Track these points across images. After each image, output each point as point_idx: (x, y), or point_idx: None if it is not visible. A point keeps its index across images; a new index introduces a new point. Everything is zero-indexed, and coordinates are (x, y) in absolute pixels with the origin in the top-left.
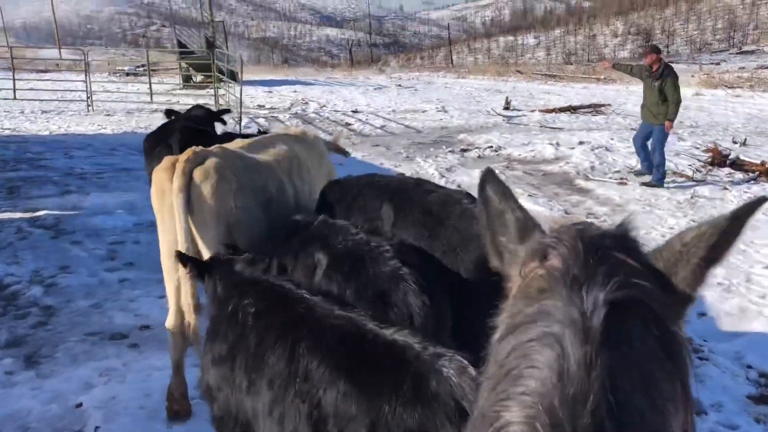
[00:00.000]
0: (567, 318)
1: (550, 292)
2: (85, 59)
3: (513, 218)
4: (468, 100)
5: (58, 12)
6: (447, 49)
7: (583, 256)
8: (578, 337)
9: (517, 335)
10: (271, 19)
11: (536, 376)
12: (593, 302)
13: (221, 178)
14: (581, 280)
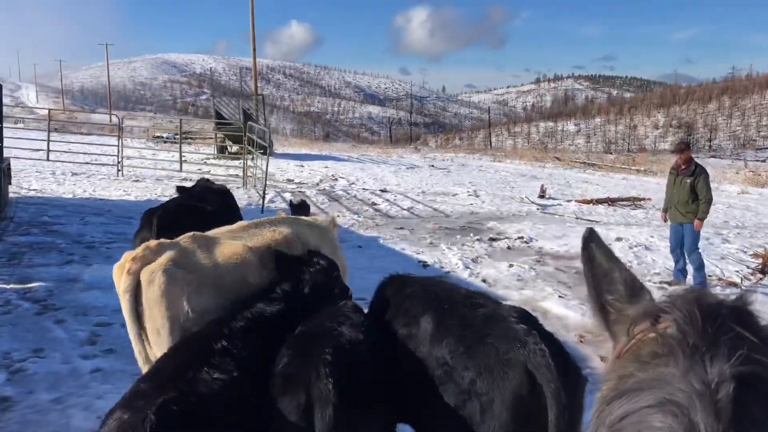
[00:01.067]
0: (691, 388)
1: (666, 358)
2: (120, 123)
3: (621, 277)
4: (502, 185)
5: (115, 78)
6: (486, 132)
7: (701, 325)
8: (708, 410)
9: (632, 400)
10: (316, 94)
11: None
12: (719, 374)
13: (170, 280)
14: (701, 349)
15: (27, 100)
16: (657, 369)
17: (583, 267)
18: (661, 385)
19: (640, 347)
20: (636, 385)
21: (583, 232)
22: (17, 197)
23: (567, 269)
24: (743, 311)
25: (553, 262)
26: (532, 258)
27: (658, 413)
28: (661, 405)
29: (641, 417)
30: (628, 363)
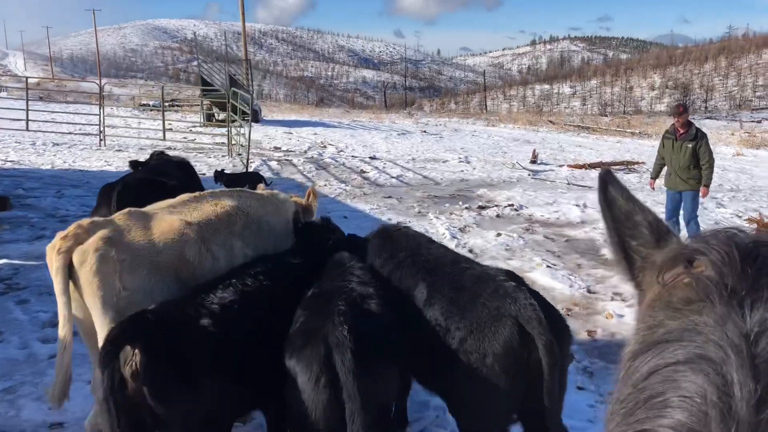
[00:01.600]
0: (726, 340)
1: (701, 304)
2: (101, 92)
3: (645, 220)
4: (494, 150)
5: (105, 45)
6: (482, 95)
7: (740, 265)
8: (744, 367)
9: (660, 354)
10: (310, 59)
11: (687, 408)
12: (759, 323)
13: (102, 258)
14: (741, 293)
15: (15, 68)
16: (689, 317)
17: (602, 212)
18: (693, 337)
19: (672, 293)
20: (665, 337)
21: (600, 172)
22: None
23: (556, 237)
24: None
25: (542, 230)
26: (522, 226)
27: (687, 371)
28: (690, 361)
29: (668, 375)
30: (658, 311)
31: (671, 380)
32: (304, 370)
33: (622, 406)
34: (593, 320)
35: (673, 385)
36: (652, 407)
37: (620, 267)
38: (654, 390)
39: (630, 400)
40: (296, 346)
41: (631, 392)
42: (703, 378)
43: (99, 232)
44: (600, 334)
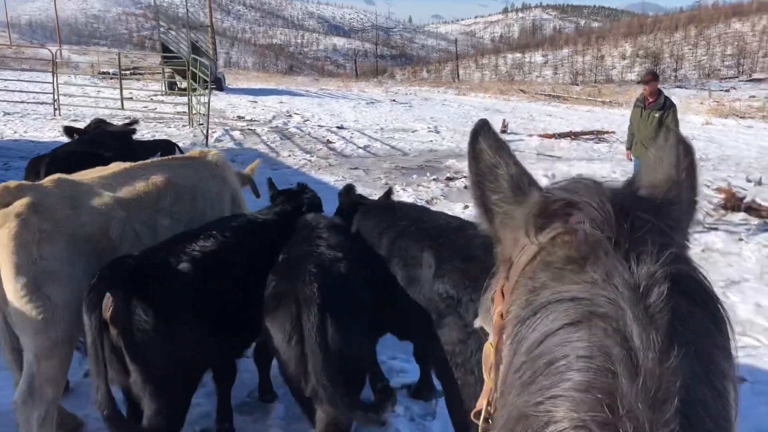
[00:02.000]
0: (617, 294)
1: (584, 261)
2: (53, 58)
3: (507, 174)
4: (464, 119)
5: (66, 11)
6: (454, 64)
7: (616, 219)
8: (641, 319)
9: (551, 316)
10: (279, 26)
11: (592, 368)
12: (647, 276)
13: (22, 224)
14: (624, 246)
15: None
16: (574, 275)
17: (468, 163)
18: (582, 295)
19: (551, 252)
20: (553, 297)
21: (475, 123)
22: None
23: None
24: (647, 199)
25: None
26: None
27: (584, 330)
28: (585, 320)
29: (565, 337)
30: (538, 272)
31: (568, 342)
32: (278, 330)
33: (518, 376)
34: None
35: (571, 347)
36: (555, 372)
37: (481, 221)
38: (552, 354)
39: (527, 369)
40: (270, 309)
41: (527, 360)
42: (602, 335)
43: (25, 198)
44: None
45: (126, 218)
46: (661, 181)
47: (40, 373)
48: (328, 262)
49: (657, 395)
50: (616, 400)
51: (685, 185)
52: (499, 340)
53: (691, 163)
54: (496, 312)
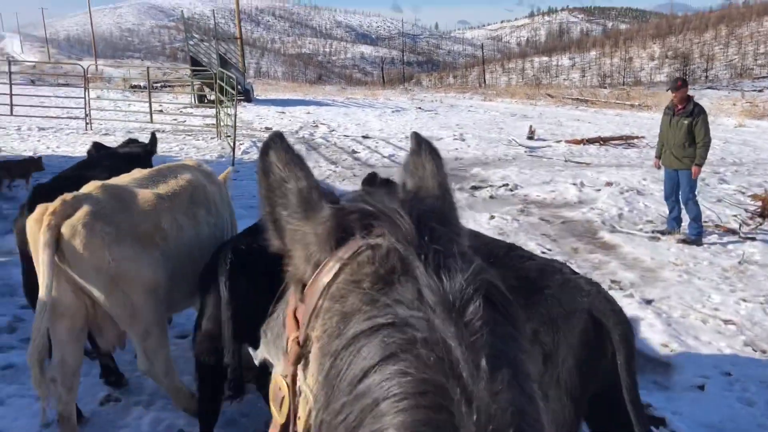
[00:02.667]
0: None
1: (394, 279)
2: (85, 74)
3: (296, 188)
4: (490, 126)
5: (102, 25)
6: (480, 69)
7: (416, 231)
8: (462, 342)
9: (368, 348)
10: (308, 35)
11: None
12: (460, 291)
13: (90, 232)
14: (431, 261)
15: (12, 50)
16: (385, 297)
17: (257, 178)
18: (398, 319)
19: (356, 270)
20: (366, 325)
21: (270, 135)
22: None
23: (552, 219)
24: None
25: (537, 212)
26: (516, 207)
27: (407, 361)
28: (406, 349)
29: (387, 372)
30: (347, 294)
31: (393, 377)
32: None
33: (341, 419)
34: None
35: (398, 382)
36: (384, 413)
37: (272, 237)
38: (378, 393)
39: (350, 411)
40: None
41: (348, 400)
42: (427, 366)
43: (84, 206)
44: None
45: (172, 210)
46: (433, 188)
47: (147, 349)
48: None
49: (493, 427)
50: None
51: (449, 189)
52: (294, 370)
53: (445, 168)
54: (291, 339)
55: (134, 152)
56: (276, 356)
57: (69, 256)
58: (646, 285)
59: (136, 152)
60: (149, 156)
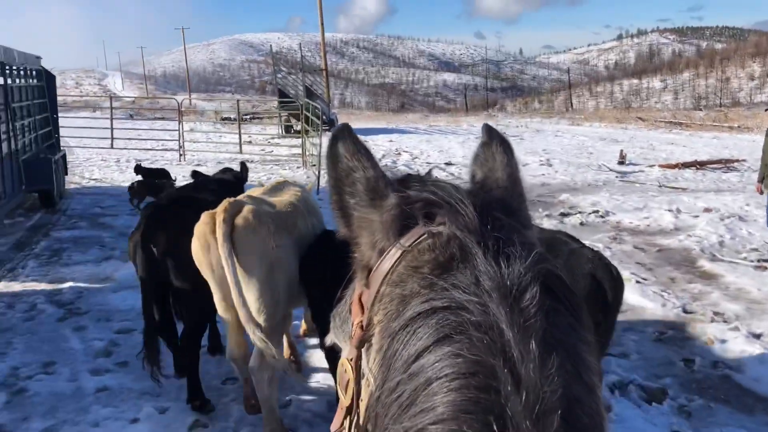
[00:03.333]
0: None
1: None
2: (179, 108)
3: (363, 177)
4: (578, 151)
5: (196, 61)
6: (566, 93)
7: (479, 220)
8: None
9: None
10: (391, 65)
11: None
12: (518, 278)
13: (260, 222)
14: (492, 249)
15: (114, 87)
16: (444, 281)
17: (326, 168)
18: (454, 303)
19: (417, 257)
20: (423, 308)
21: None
22: (77, 188)
23: (647, 247)
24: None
25: (631, 239)
26: (608, 235)
27: (460, 343)
28: (460, 332)
29: (440, 353)
30: (407, 278)
31: (446, 357)
32: None
33: (395, 397)
34: (690, 346)
35: (450, 363)
36: (435, 392)
37: (339, 225)
38: (430, 373)
39: (404, 388)
40: None
41: (403, 378)
42: (480, 348)
43: (247, 206)
44: (699, 363)
45: (299, 212)
46: (503, 180)
47: (272, 336)
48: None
49: (541, 408)
50: (502, 418)
51: (519, 181)
52: (359, 353)
53: (516, 160)
54: (356, 323)
55: (228, 179)
56: (343, 341)
57: (240, 245)
58: (753, 318)
59: (230, 179)
60: (241, 183)
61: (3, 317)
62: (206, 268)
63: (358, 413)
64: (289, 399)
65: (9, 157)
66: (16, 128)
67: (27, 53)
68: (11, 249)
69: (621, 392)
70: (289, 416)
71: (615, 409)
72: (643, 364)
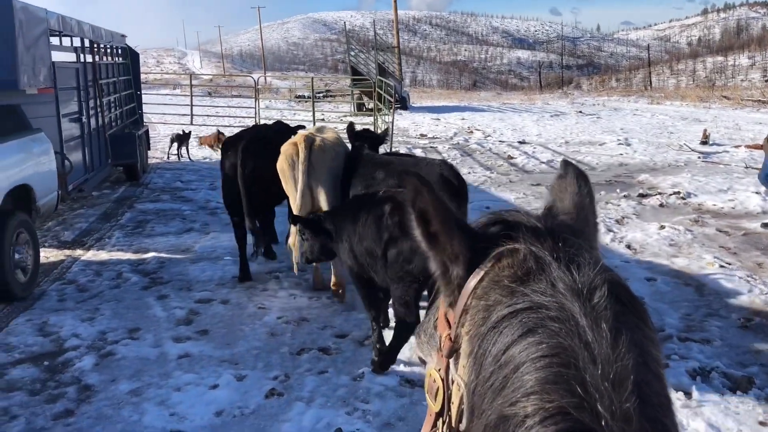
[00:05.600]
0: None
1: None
2: (255, 86)
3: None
4: (658, 130)
5: (270, 40)
6: (646, 71)
7: (551, 239)
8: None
9: (509, 328)
10: (463, 42)
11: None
12: (588, 282)
13: (328, 147)
14: (564, 260)
15: (192, 66)
16: (524, 288)
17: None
18: (534, 304)
19: (497, 273)
20: (507, 311)
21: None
22: (159, 162)
23: (731, 231)
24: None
25: (714, 222)
26: (689, 217)
27: (541, 334)
28: (540, 325)
29: (525, 343)
30: (489, 291)
31: (530, 346)
32: None
33: (489, 384)
34: None
35: (535, 349)
36: (524, 373)
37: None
38: (518, 360)
39: (496, 376)
40: None
41: (495, 369)
42: (559, 335)
43: (317, 137)
44: None
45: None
46: (570, 208)
47: None
48: None
49: (615, 376)
50: (583, 385)
51: (589, 209)
52: (447, 362)
53: (590, 191)
54: (444, 336)
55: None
56: (429, 354)
57: (315, 163)
58: None
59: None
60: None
61: (92, 284)
62: (290, 179)
63: (449, 416)
64: (362, 372)
65: (97, 132)
66: (103, 104)
67: (113, 32)
68: (98, 220)
69: (703, 379)
70: (362, 388)
71: (695, 395)
72: (728, 351)
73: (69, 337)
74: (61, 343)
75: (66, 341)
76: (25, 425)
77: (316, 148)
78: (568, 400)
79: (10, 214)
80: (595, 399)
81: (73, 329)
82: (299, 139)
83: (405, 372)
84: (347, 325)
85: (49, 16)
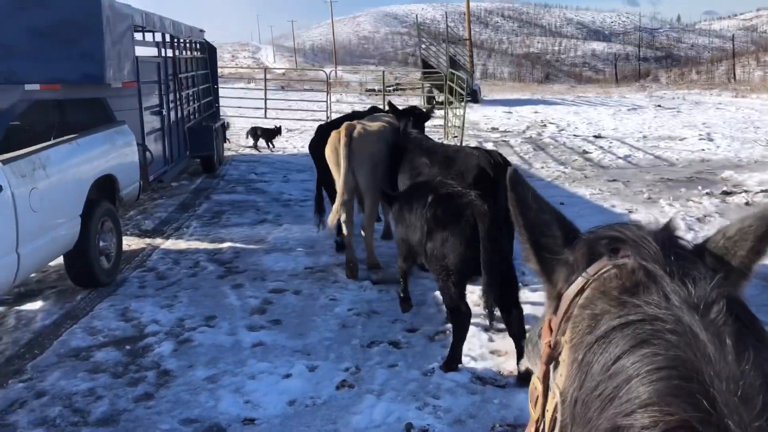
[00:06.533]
0: (683, 313)
1: (640, 287)
2: (327, 79)
3: (555, 219)
4: (743, 125)
5: (341, 34)
6: (729, 63)
7: (662, 252)
8: (708, 330)
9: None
10: (536, 34)
11: (674, 375)
12: (705, 296)
13: (368, 134)
14: (678, 273)
15: (266, 60)
16: (635, 300)
17: (512, 210)
18: (647, 316)
19: (604, 283)
20: (618, 321)
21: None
22: (234, 155)
23: None
24: (683, 241)
25: None
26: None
27: (657, 346)
28: (656, 337)
29: (639, 354)
30: (596, 301)
31: (645, 357)
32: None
33: (597, 394)
34: None
35: (650, 361)
36: (640, 384)
37: (532, 264)
38: (631, 371)
39: (606, 386)
40: None
41: (603, 379)
42: (677, 348)
43: (358, 126)
44: None
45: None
46: (730, 237)
47: (370, 211)
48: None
49: (744, 393)
50: (708, 399)
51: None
52: (546, 369)
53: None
54: (545, 343)
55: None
56: (534, 362)
57: (355, 149)
58: None
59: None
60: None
61: (170, 272)
62: (334, 164)
63: (543, 422)
64: (432, 367)
65: (176, 124)
66: (182, 98)
67: (192, 27)
68: (177, 210)
69: None
70: (433, 383)
71: None
72: None
73: (149, 323)
74: (141, 328)
75: (146, 327)
76: (109, 406)
77: (356, 135)
78: (692, 414)
79: (96, 203)
80: (724, 415)
81: (153, 315)
82: (342, 129)
83: (476, 368)
84: (417, 320)
85: (134, 13)
